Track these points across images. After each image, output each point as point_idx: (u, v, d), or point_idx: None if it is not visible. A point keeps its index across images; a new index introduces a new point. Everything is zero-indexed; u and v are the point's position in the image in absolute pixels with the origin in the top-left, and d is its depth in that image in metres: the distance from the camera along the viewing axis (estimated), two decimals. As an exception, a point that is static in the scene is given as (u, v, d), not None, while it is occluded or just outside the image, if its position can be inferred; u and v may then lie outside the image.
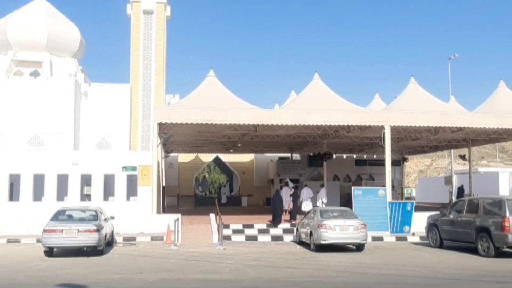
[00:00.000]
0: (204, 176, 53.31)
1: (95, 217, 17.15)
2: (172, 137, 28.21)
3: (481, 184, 37.40)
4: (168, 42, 36.93)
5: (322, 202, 25.71)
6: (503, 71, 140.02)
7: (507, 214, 15.69)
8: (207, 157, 41.57)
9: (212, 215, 22.90)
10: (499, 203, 16.37)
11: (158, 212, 23.33)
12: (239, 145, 32.11)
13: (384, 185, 23.91)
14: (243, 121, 22.65)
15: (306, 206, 24.79)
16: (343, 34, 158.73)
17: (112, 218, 18.85)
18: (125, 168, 23.14)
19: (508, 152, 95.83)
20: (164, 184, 32.26)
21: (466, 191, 33.91)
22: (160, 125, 22.81)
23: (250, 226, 22.55)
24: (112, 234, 18.88)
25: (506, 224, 15.60)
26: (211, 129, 25.30)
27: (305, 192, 25.70)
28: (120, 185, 23.12)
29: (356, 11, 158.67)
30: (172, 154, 38.20)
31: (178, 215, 21.17)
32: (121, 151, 28.85)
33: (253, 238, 21.03)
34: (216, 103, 22.87)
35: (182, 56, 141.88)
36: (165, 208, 30.09)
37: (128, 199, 23.10)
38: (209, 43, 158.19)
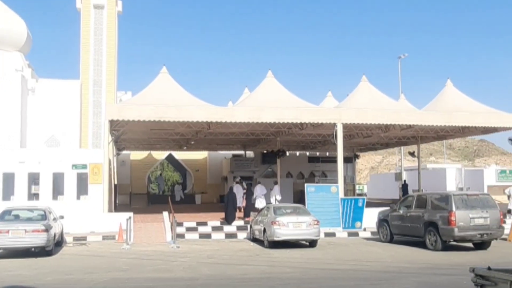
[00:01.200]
0: (160, 174, 52.73)
1: (44, 217, 16.65)
2: (124, 134, 27.73)
3: (430, 180, 38.50)
4: (119, 38, 36.27)
5: (276, 199, 25.86)
6: (450, 70, 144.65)
7: (454, 208, 16.23)
8: (160, 155, 41.10)
9: (165, 213, 22.66)
10: (446, 198, 16.91)
11: (110, 210, 22.91)
12: (192, 142, 31.88)
13: (336, 182, 24.25)
14: (196, 118, 22.50)
15: (260, 203, 24.86)
16: (296, 32, 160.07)
17: (62, 217, 18.35)
18: (75, 166, 22.62)
19: (455, 149, 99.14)
20: (116, 182, 31.70)
21: (415, 187, 34.84)
22: (112, 122, 22.38)
23: (204, 223, 22.45)
24: (61, 234, 18.39)
25: (453, 218, 16.13)
26: (164, 127, 25.00)
27: (259, 189, 25.79)
28: (70, 184, 22.57)
29: (308, 10, 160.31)
30: (124, 152, 37.58)
31: (131, 214, 20.82)
32: (71, 149, 28.13)
33: (207, 235, 20.94)
34: (169, 100, 22.62)
35: (134, 52, 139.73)
36: (117, 206, 29.57)
37: (78, 198, 22.58)
38: (162, 40, 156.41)
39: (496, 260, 14.41)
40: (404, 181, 36.95)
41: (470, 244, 17.37)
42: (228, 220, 22.62)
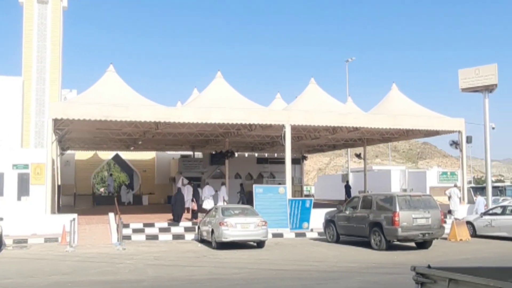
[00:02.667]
0: (111, 174, 51.64)
1: (-19, 219, 16.01)
2: (69, 133, 27.01)
3: (375, 181, 39.41)
4: (64, 34, 35.26)
5: (224, 200, 25.82)
6: (396, 74, 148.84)
7: (397, 209, 16.66)
8: (107, 155, 40.29)
9: (111, 215, 22.20)
10: (390, 199, 17.33)
11: (53, 212, 22.24)
12: (140, 142, 31.40)
13: (284, 183, 24.43)
14: (143, 118, 22.16)
15: (208, 204, 24.75)
16: (246, 34, 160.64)
17: (1, 219, 17.70)
18: (16, 166, 21.84)
19: (399, 151, 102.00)
20: (59, 183, 30.79)
21: (361, 188, 35.57)
22: (56, 121, 21.73)
23: (151, 225, 22.14)
24: (0, 237, 17.69)
25: (396, 218, 16.56)
26: (110, 126, 24.49)
27: (207, 190, 25.67)
28: (10, 184, 21.78)
29: (257, 13, 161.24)
30: (69, 152, 36.57)
31: (75, 215, 20.27)
32: (12, 148, 27.08)
33: (154, 237, 20.65)
34: (116, 99, 22.19)
35: (80, 50, 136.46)
36: (61, 207, 28.75)
37: (19, 198, 21.80)
38: (109, 38, 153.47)
39: (437, 258, 14.90)
40: (347, 182, 37.64)
41: (412, 244, 17.88)
42: (176, 220, 22.40)
